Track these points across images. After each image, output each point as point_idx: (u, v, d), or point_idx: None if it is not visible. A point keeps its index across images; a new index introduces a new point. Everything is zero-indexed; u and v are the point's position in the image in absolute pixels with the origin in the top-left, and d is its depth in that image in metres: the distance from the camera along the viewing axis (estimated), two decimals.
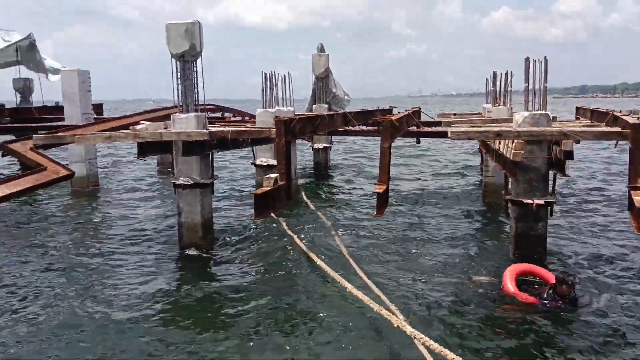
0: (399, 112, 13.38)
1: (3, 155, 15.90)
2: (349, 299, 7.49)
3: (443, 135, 12.20)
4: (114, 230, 12.05)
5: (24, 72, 23.46)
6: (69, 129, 11.59)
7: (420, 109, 15.13)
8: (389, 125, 8.26)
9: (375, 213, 7.97)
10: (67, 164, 14.43)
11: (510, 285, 7.81)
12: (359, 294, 7.05)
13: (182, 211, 10.51)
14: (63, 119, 16.70)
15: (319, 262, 8.94)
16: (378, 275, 8.65)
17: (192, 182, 10.18)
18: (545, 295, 7.54)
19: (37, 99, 23.28)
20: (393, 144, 8.72)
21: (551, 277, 7.92)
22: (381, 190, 7.87)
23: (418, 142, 14.70)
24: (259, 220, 9.80)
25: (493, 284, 8.31)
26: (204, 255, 10.07)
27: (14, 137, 15.18)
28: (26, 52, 22.80)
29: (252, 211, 7.40)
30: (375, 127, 13.61)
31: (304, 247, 9.94)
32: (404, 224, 12.24)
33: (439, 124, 14.35)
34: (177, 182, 10.27)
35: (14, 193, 9.16)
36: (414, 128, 12.71)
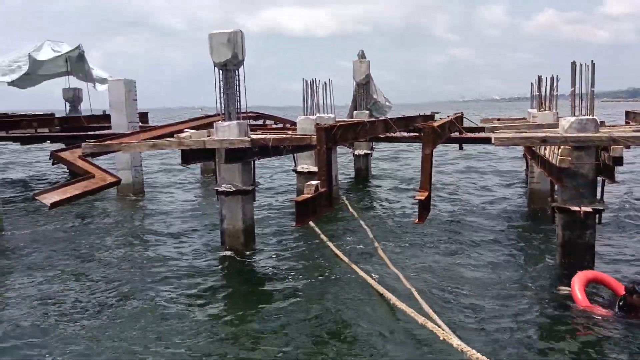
0: (440, 118, 13.26)
1: (53, 164, 16.45)
2: (391, 309, 7.42)
3: (486, 141, 12.04)
4: (158, 235, 12.30)
5: (73, 82, 24.29)
6: (115, 138, 11.88)
7: (462, 114, 14.96)
8: (430, 132, 8.18)
9: (416, 220, 7.88)
10: (115, 172, 14.82)
11: (579, 295, 7.36)
12: (402, 305, 6.97)
13: (225, 217, 10.64)
14: (110, 128, 17.16)
15: (360, 271, 8.91)
16: (421, 284, 8.53)
17: (234, 189, 10.31)
18: (616, 307, 7.11)
19: (86, 107, 24.02)
20: (435, 150, 8.64)
21: (620, 288, 7.49)
22: (423, 197, 7.78)
23: (461, 148, 14.54)
24: (300, 227, 9.83)
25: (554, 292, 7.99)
26: (246, 260, 10.17)
27: (63, 146, 15.71)
28: (75, 63, 23.54)
29: (293, 218, 7.44)
30: (417, 134, 13.50)
31: (344, 256, 9.92)
32: (447, 232, 12.07)
33: (482, 129, 14.14)
34: (220, 189, 10.42)
35: (63, 200, 9.42)
36: (457, 134, 12.56)
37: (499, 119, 18.41)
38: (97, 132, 17.51)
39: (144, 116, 21.02)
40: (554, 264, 9.17)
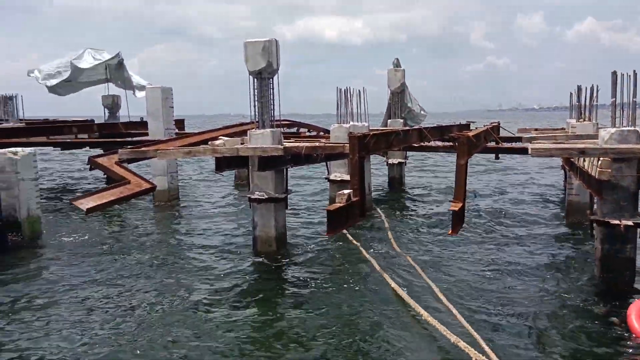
0: (476, 128, 13.06)
1: (91, 169, 16.78)
2: (422, 324, 7.30)
3: (523, 151, 11.80)
4: (192, 241, 12.42)
5: (112, 89, 24.82)
6: (151, 144, 12.08)
7: (499, 124, 14.73)
8: (465, 142, 8.05)
9: (450, 231, 7.75)
10: (150, 177, 15.05)
11: (637, 325, 6.95)
12: (434, 321, 6.85)
13: (257, 225, 10.69)
14: (147, 134, 17.45)
15: (392, 282, 8.81)
16: (453, 297, 8.38)
17: (266, 196, 10.34)
18: None
19: (124, 114, 24.50)
20: (470, 160, 8.49)
21: None
22: (457, 208, 7.65)
23: (497, 158, 14.29)
24: (332, 236, 9.79)
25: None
26: (277, 267, 10.18)
27: (102, 151, 16.04)
28: (115, 70, 24.06)
29: (325, 227, 7.41)
30: (452, 143, 13.34)
31: (376, 265, 9.84)
32: (482, 243, 11.86)
33: (519, 139, 13.89)
34: (253, 197, 10.47)
35: (99, 205, 9.60)
36: (493, 144, 12.35)
37: (536, 129, 18.07)
38: (134, 139, 17.82)
39: (180, 123, 21.32)
40: (593, 279, 8.91)
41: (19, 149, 11.98)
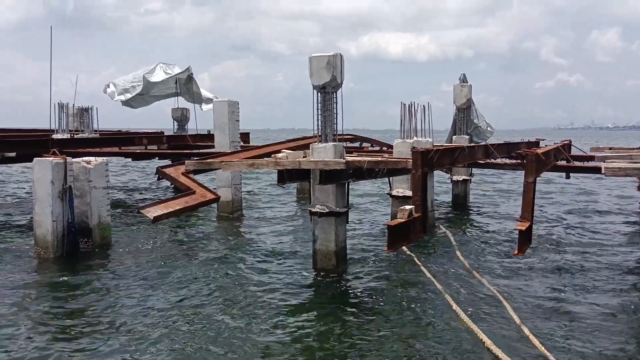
0: (546, 145, 12.62)
1: (158, 179, 17.32)
2: (486, 352, 7.04)
3: (596, 170, 11.30)
4: (253, 252, 12.55)
5: (181, 102, 25.63)
6: (216, 156, 12.32)
7: (570, 142, 14.19)
8: (533, 159, 7.77)
9: (516, 251, 7.48)
10: (215, 188, 15.36)
11: None
12: (499, 352, 6.60)
13: (317, 238, 10.66)
14: (213, 146, 17.84)
15: (454, 304, 8.54)
16: (522, 321, 8.01)
17: (327, 210, 10.31)
18: None
19: (192, 126, 25.22)
20: (539, 178, 8.19)
21: None
22: (524, 228, 7.38)
23: (567, 177, 13.75)
24: (392, 252, 9.64)
25: None
26: (336, 281, 10.11)
27: (170, 162, 16.52)
28: (184, 84, 24.84)
29: (386, 242, 7.30)
30: (519, 161, 12.92)
31: (437, 284, 9.60)
32: (551, 265, 11.36)
33: (591, 158, 13.32)
34: (313, 210, 10.46)
35: (165, 214, 9.85)
36: (563, 162, 11.88)
37: (611, 148, 17.25)
38: (201, 151, 18.26)
39: (245, 136, 21.70)
40: None
41: (92, 159, 12.49)
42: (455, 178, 19.37)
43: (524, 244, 7.42)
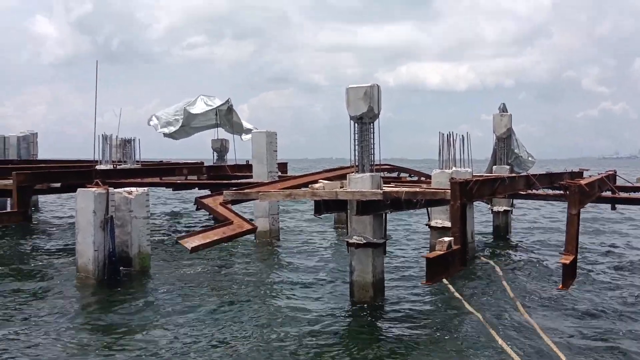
0: (590, 176, 12.29)
1: (197, 209, 17.49)
2: None
3: None
4: (289, 281, 12.54)
5: (221, 133, 26.05)
6: (254, 186, 12.40)
7: (615, 172, 13.79)
8: (577, 190, 7.55)
9: (560, 286, 7.24)
10: (252, 220, 15.44)
11: None
12: None
13: (354, 270, 10.54)
14: (251, 176, 18.00)
15: (499, 339, 8.28)
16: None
17: (364, 241, 10.21)
18: None
19: (231, 157, 25.55)
20: (583, 209, 7.94)
21: None
22: (568, 261, 7.15)
23: (613, 208, 13.32)
24: (430, 285, 9.44)
25: None
26: (374, 314, 9.94)
27: (210, 192, 16.72)
28: (224, 116, 25.27)
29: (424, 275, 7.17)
30: (562, 192, 12.60)
31: (480, 317, 9.33)
32: (598, 301, 10.92)
33: (638, 189, 12.88)
34: (350, 241, 10.37)
35: (202, 244, 9.91)
36: (609, 193, 11.52)
37: None
38: (239, 181, 18.42)
39: (283, 166, 21.84)
40: None
41: (133, 189, 12.74)
42: (496, 209, 18.99)
43: (569, 278, 7.18)
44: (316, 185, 10.28)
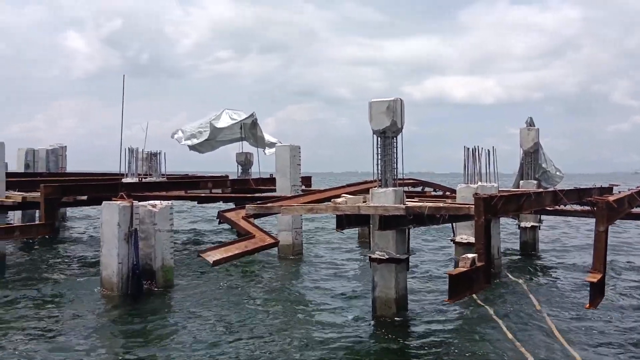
0: (619, 192, 11.99)
1: (219, 223, 17.50)
2: None
3: None
4: (312, 296, 12.49)
5: (245, 146, 26.15)
6: (276, 200, 12.39)
7: None
8: (605, 207, 7.35)
9: (587, 305, 7.03)
10: (276, 233, 15.41)
11: None
12: None
13: (377, 285, 10.43)
14: (275, 190, 18.00)
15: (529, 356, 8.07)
16: None
17: (387, 256, 10.09)
18: None
19: (255, 170, 25.62)
20: (613, 226, 7.73)
21: None
22: (595, 280, 6.94)
23: None
24: (452, 303, 9.27)
25: None
26: (396, 331, 9.78)
27: (234, 205, 16.76)
28: (249, 130, 25.39)
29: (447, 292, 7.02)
30: (590, 208, 12.30)
31: (510, 336, 9.12)
32: (628, 321, 10.59)
33: None
34: (373, 256, 10.27)
35: (224, 258, 9.92)
36: (639, 210, 11.21)
37: None
38: (262, 194, 18.43)
39: (307, 180, 21.80)
40: None
41: (157, 202, 12.82)
42: (523, 224, 18.67)
43: (596, 297, 6.96)
44: (338, 200, 10.20)
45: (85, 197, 16.40)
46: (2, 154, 15.75)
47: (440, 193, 20.06)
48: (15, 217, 21.60)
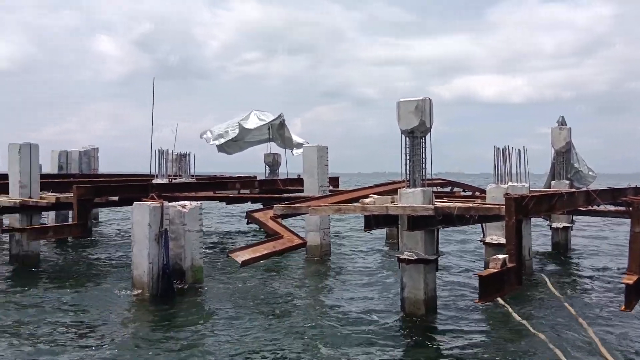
0: None
1: (248, 223, 17.61)
2: None
3: None
4: (340, 296, 12.46)
5: (273, 147, 26.30)
6: (304, 201, 12.41)
7: None
8: None
9: (622, 307, 6.86)
10: (304, 233, 15.43)
11: None
12: None
13: (405, 286, 10.36)
14: (302, 190, 18.03)
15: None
16: None
17: (416, 257, 10.02)
18: None
19: (282, 171, 25.76)
20: None
21: None
22: (631, 282, 6.78)
23: None
24: (482, 304, 9.16)
25: None
26: (426, 332, 9.71)
27: (262, 206, 16.83)
28: (277, 130, 25.52)
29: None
30: (625, 208, 12.01)
31: (543, 338, 8.96)
32: None
33: None
34: (401, 257, 10.21)
35: (253, 258, 9.97)
36: None
37: None
38: (290, 195, 18.48)
39: (334, 180, 21.78)
40: None
41: (187, 203, 12.95)
42: (555, 225, 18.36)
43: (632, 299, 6.80)
44: (366, 200, 10.17)
45: (116, 198, 16.64)
46: (37, 156, 16.12)
47: (470, 193, 19.84)
48: (49, 218, 22.09)
